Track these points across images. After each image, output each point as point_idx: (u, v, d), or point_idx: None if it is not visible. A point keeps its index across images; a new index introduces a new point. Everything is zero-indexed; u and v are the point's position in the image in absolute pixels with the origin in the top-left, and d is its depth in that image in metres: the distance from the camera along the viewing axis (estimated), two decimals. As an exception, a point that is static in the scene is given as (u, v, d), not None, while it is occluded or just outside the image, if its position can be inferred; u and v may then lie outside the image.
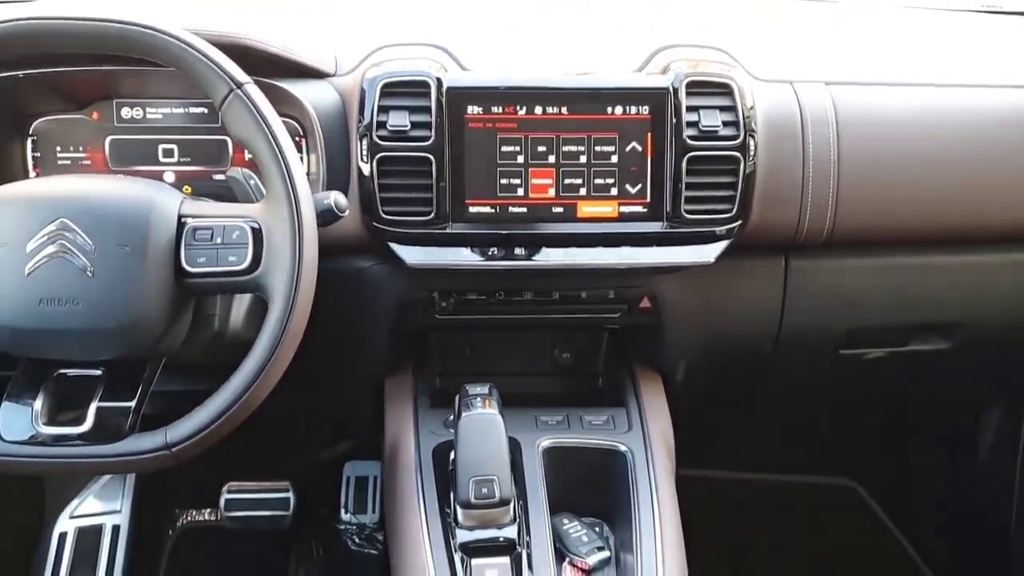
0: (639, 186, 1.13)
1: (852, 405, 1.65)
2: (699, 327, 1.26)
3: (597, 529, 1.14)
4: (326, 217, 1.02)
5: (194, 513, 1.77)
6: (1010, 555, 1.59)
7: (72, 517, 1.60)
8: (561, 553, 1.08)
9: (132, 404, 0.97)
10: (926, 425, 1.69)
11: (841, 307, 1.28)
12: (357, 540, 1.77)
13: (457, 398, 1.11)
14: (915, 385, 1.51)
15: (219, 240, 0.96)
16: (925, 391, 1.54)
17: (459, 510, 1.04)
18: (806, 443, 1.77)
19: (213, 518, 1.76)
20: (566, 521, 1.13)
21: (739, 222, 1.14)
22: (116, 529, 1.56)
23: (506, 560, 1.02)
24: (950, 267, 1.28)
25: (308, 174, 1.14)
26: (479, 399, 1.09)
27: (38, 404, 0.97)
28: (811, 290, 1.25)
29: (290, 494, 1.67)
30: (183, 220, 0.97)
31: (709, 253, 1.14)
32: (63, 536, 1.58)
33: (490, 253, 1.14)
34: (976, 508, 1.67)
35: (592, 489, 1.16)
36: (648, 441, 1.18)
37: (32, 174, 1.17)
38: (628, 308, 1.25)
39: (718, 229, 1.13)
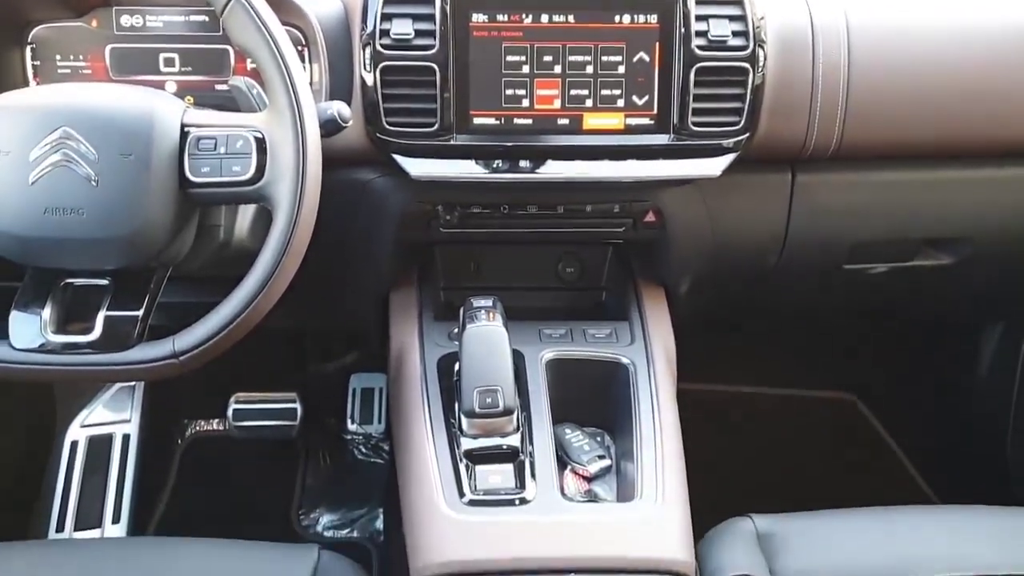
0: (646, 97, 1.11)
1: (853, 321, 1.66)
2: (704, 241, 1.26)
3: (599, 439, 1.15)
4: (329, 128, 1.02)
5: (202, 423, 1.81)
6: (1005, 469, 1.61)
7: (83, 426, 1.63)
8: (563, 461, 1.10)
9: (139, 313, 0.98)
10: (926, 341, 1.70)
11: (846, 222, 1.28)
12: (363, 450, 1.81)
13: (462, 311, 1.11)
14: (917, 301, 1.52)
15: (222, 150, 0.96)
16: (926, 307, 1.55)
17: (463, 419, 1.06)
18: (806, 358, 1.79)
19: (221, 428, 1.79)
20: (568, 431, 1.15)
21: (746, 135, 1.13)
22: (126, 438, 1.60)
23: (509, 467, 1.04)
24: (957, 182, 1.28)
25: (311, 84, 1.12)
26: (483, 312, 1.10)
27: (46, 313, 0.98)
28: (817, 204, 1.25)
29: (297, 405, 1.70)
30: (186, 129, 0.96)
31: (715, 166, 1.14)
32: (74, 444, 1.61)
33: (494, 166, 1.13)
34: (973, 423, 1.69)
35: (594, 400, 1.18)
36: (650, 354, 1.19)
37: (32, 83, 1.16)
38: (633, 222, 1.25)
39: (725, 142, 1.13)
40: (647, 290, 1.30)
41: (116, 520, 1.54)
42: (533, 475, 1.04)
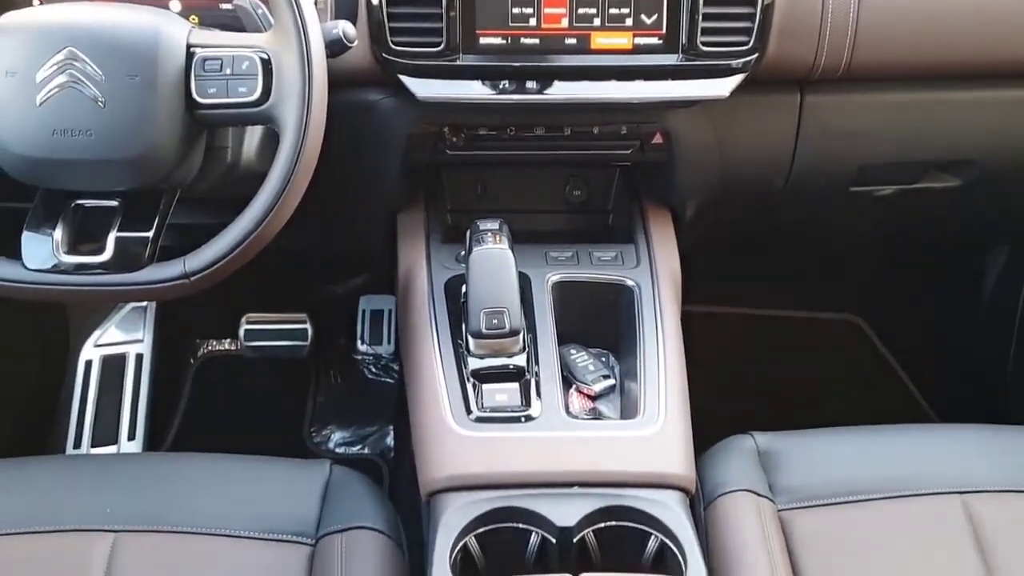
0: (655, 16, 1.10)
1: (859, 243, 1.66)
2: (711, 163, 1.26)
3: (603, 359, 1.17)
4: (335, 48, 1.01)
5: (214, 343, 1.83)
6: (1006, 390, 1.63)
7: (97, 346, 1.65)
8: (568, 381, 1.12)
9: (149, 234, 0.99)
10: (931, 264, 1.70)
11: (854, 143, 1.27)
12: (374, 370, 1.84)
13: (468, 233, 1.12)
14: (923, 224, 1.52)
15: (228, 71, 0.96)
16: (932, 230, 1.55)
17: (471, 340, 1.07)
18: (811, 280, 1.79)
19: (233, 348, 1.82)
20: (573, 351, 1.16)
21: (755, 55, 1.11)
22: (139, 358, 1.62)
23: (515, 386, 1.06)
24: (967, 103, 1.26)
25: (316, 3, 1.11)
26: (490, 234, 1.10)
27: (58, 234, 0.99)
28: (825, 126, 1.24)
29: (308, 326, 1.72)
30: (192, 50, 0.96)
31: (724, 87, 1.13)
32: (89, 364, 1.64)
33: (501, 86, 1.12)
34: (975, 345, 1.71)
35: (599, 322, 1.19)
36: (655, 276, 1.20)
37: (36, 2, 1.15)
38: (640, 144, 1.24)
39: (734, 62, 1.11)
40: (653, 213, 1.30)
41: (132, 437, 1.58)
42: (538, 394, 1.07)
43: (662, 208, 1.32)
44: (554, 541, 0.94)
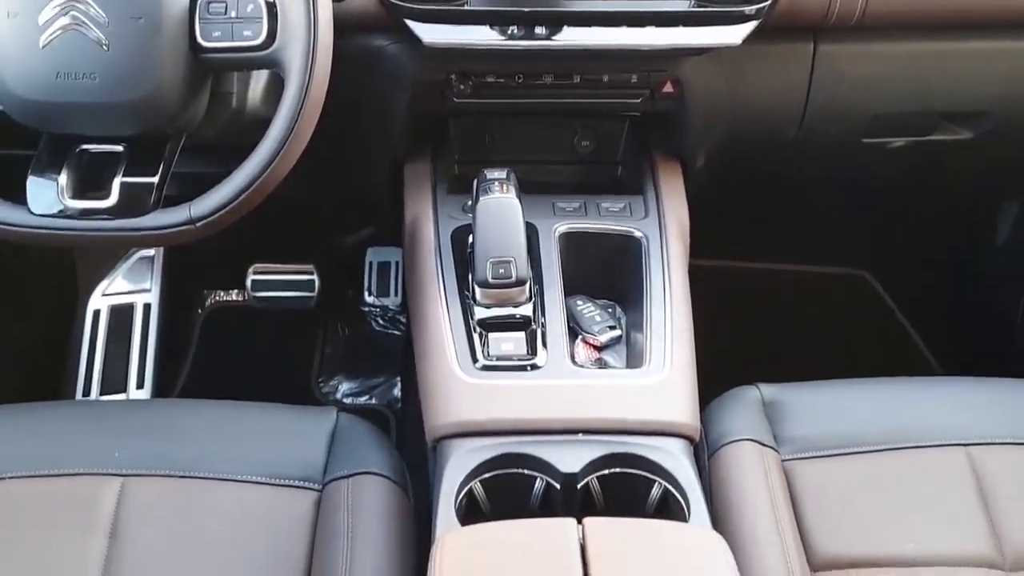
0: (666, -40, 1.08)
1: (870, 197, 1.65)
2: (723, 112, 1.24)
3: (610, 310, 1.17)
4: (340, -10, 1.00)
5: (222, 293, 1.84)
6: (1013, 345, 1.63)
7: (104, 295, 1.66)
8: (574, 331, 1.12)
9: (155, 180, 0.99)
10: (942, 218, 1.69)
11: (867, 93, 1.25)
12: (381, 321, 1.85)
13: (475, 182, 1.11)
14: (934, 177, 1.50)
15: (233, 14, 0.95)
16: (944, 183, 1.53)
17: (477, 289, 1.07)
18: (821, 234, 1.78)
19: (240, 298, 1.82)
20: (580, 302, 1.16)
21: (769, 1, 1.10)
22: (147, 307, 1.63)
23: (521, 335, 1.06)
24: (982, 53, 1.24)
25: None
26: (497, 184, 1.10)
27: (63, 179, 0.99)
28: (838, 75, 1.22)
29: (315, 277, 1.72)
30: None
31: (736, 34, 1.11)
32: (97, 313, 1.65)
33: (509, 32, 1.11)
34: (984, 300, 1.70)
35: (606, 273, 1.19)
36: (664, 227, 1.19)
37: None
38: (651, 93, 1.23)
39: (746, 9, 1.09)
40: (663, 164, 1.29)
41: (140, 386, 1.59)
42: (544, 343, 1.07)
43: (672, 159, 1.30)
44: (558, 487, 0.95)
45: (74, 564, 0.97)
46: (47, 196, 0.99)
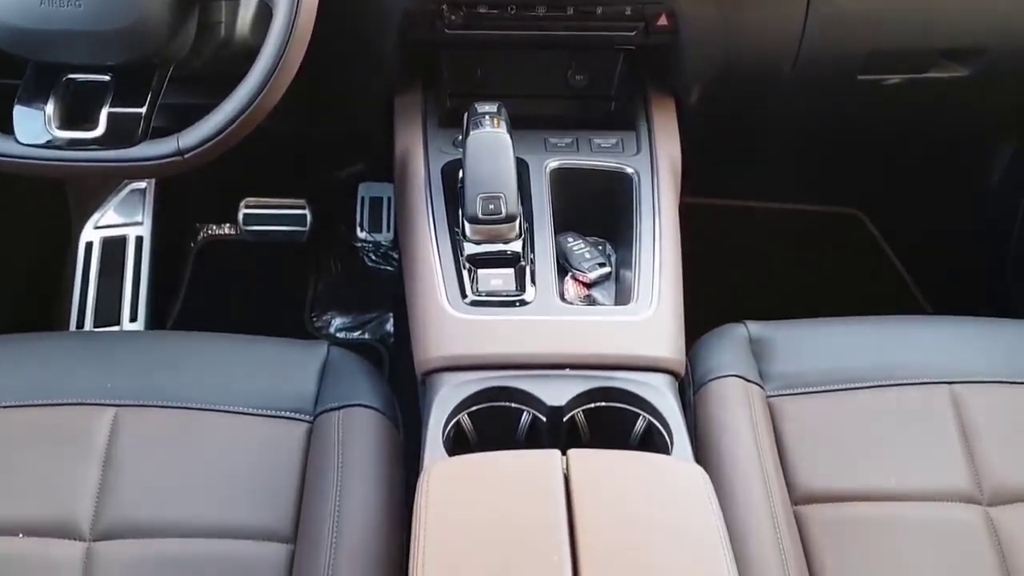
0: None
1: (864, 137, 1.64)
2: (718, 46, 1.23)
3: (600, 247, 1.17)
4: (329, -84, 0.98)
5: (214, 227, 1.83)
6: (1004, 287, 1.64)
7: (97, 228, 1.65)
8: (564, 268, 1.12)
9: (142, 111, 0.99)
10: (937, 158, 1.68)
11: (862, 29, 1.23)
12: (373, 257, 1.85)
13: (465, 116, 1.10)
14: (930, 116, 1.49)
15: None
16: (940, 122, 1.52)
17: (467, 225, 1.07)
18: (814, 173, 1.77)
19: (233, 232, 1.82)
20: (570, 239, 1.16)
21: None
22: (139, 240, 1.63)
23: (510, 271, 1.07)
24: None
25: None
26: (488, 117, 1.09)
27: (50, 108, 0.98)
28: (834, 9, 1.20)
29: (306, 211, 1.72)
30: None
31: (731, -35, 1.09)
32: (89, 246, 1.64)
33: None
34: (977, 240, 1.70)
35: (597, 210, 1.19)
36: (655, 164, 1.19)
37: None
38: (645, 26, 1.21)
39: (742, -60, 1.08)
40: (657, 99, 1.28)
41: (134, 319, 1.59)
42: (533, 280, 1.07)
43: (666, 95, 1.29)
44: (544, 420, 0.96)
45: (69, 491, 0.98)
46: (34, 126, 0.98)
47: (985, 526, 1.00)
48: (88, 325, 1.61)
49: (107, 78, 1.00)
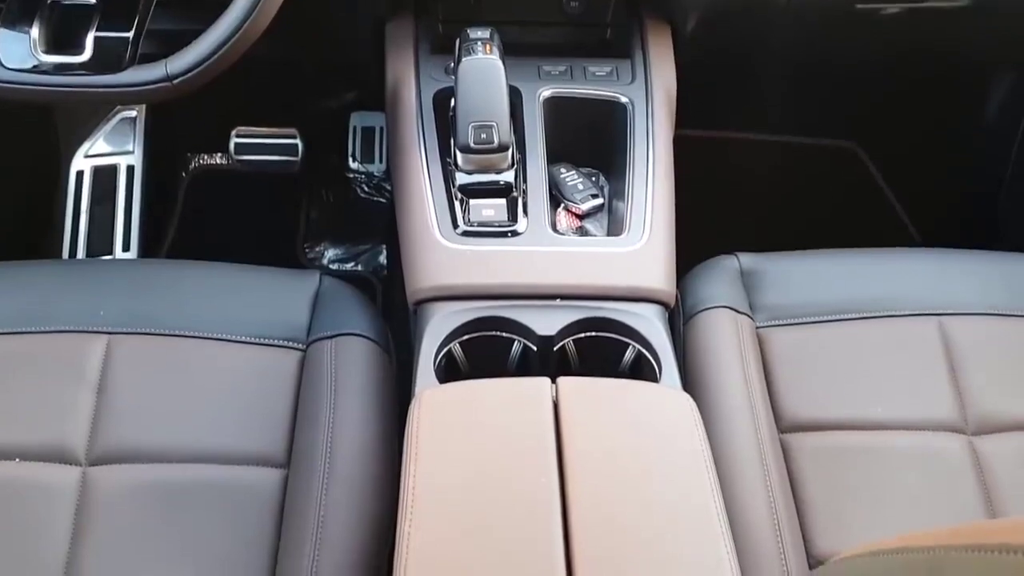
0: None
1: (861, 68, 1.62)
2: (714, -28, 1.21)
3: (593, 178, 1.16)
4: None
5: (205, 157, 1.82)
6: (995, 219, 1.63)
7: (87, 156, 1.64)
8: (556, 199, 1.12)
9: (130, 35, 0.97)
10: (933, 90, 1.66)
11: None
12: (366, 188, 1.84)
13: (458, 42, 1.09)
14: (928, 46, 1.47)
15: None
16: (938, 52, 1.50)
17: (459, 154, 1.06)
18: (810, 106, 1.76)
19: (224, 162, 1.81)
20: (563, 170, 1.16)
21: None
22: (131, 169, 1.61)
23: (502, 202, 1.06)
24: None
25: None
26: (480, 44, 1.07)
27: (35, 32, 0.97)
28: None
29: (297, 140, 1.70)
30: None
31: None
32: (80, 174, 1.63)
33: None
34: (971, 172, 1.70)
35: (591, 140, 1.18)
36: (650, 92, 1.18)
37: None
38: None
39: None
40: (653, 27, 1.26)
41: (126, 248, 1.59)
42: (525, 211, 1.07)
43: (662, 23, 1.27)
44: (535, 350, 0.97)
45: (63, 417, 0.99)
46: (19, 50, 0.97)
47: (969, 455, 1.01)
48: (81, 255, 1.61)
49: (93, 1, 0.98)
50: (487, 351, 0.98)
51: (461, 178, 1.07)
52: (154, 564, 0.91)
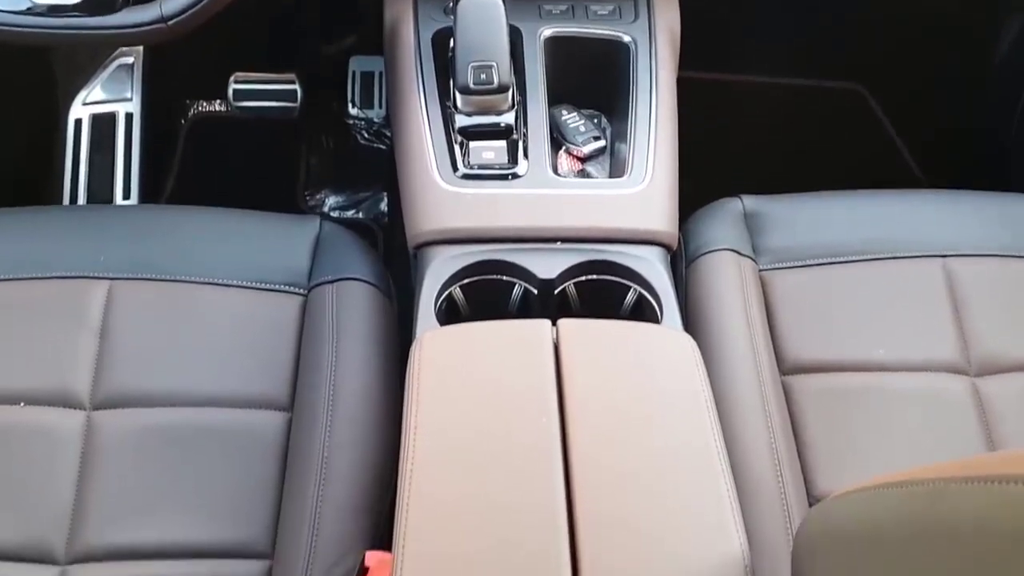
0: None
1: (868, 9, 1.59)
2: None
3: (595, 120, 1.15)
4: None
5: (204, 104, 1.80)
6: (1004, 162, 1.62)
7: (85, 104, 1.62)
8: (558, 142, 1.11)
9: None
10: (943, 35, 1.63)
11: None
12: (366, 135, 1.82)
13: (457, -21, 1.07)
14: None
15: None
16: None
17: (458, 96, 1.05)
18: (817, 48, 1.73)
19: (224, 109, 1.79)
20: (565, 112, 1.14)
21: None
22: (129, 116, 1.60)
23: (502, 144, 1.05)
24: None
25: None
26: None
27: (26, -27, 0.95)
28: None
29: (296, 86, 1.68)
30: None
31: None
32: (79, 122, 1.62)
33: None
34: (980, 115, 1.67)
35: (593, 81, 1.16)
36: (653, 32, 1.15)
37: None
38: None
39: None
40: None
41: (127, 196, 1.58)
42: (526, 153, 1.05)
43: None
44: (536, 293, 0.96)
45: (67, 362, 0.99)
46: (12, -8, 0.95)
47: (971, 396, 1.02)
48: (81, 203, 1.60)
49: None
50: (488, 295, 0.98)
51: (461, 120, 1.06)
52: (159, 507, 0.92)
